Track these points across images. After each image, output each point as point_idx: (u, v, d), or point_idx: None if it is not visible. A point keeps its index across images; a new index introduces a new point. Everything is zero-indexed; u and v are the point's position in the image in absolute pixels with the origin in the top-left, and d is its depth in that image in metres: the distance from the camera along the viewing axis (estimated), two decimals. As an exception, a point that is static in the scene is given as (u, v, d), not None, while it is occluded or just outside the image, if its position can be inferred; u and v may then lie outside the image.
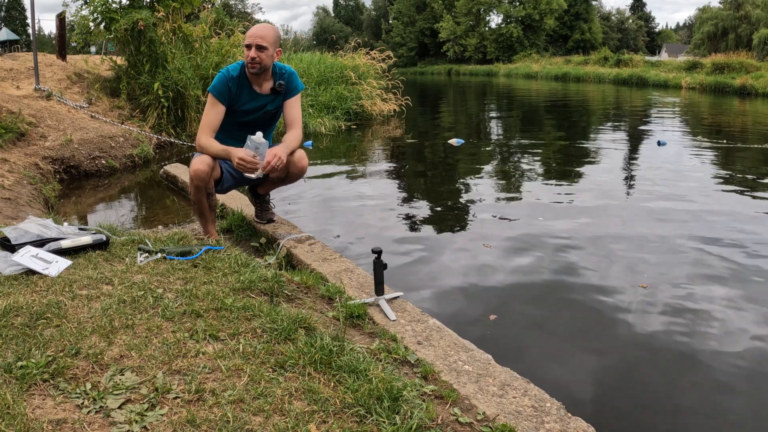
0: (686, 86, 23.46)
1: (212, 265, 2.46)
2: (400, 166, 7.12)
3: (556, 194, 5.33)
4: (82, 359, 1.64)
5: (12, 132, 5.71)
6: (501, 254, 3.67)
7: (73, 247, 2.52)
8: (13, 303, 1.93)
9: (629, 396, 2.22)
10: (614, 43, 58.82)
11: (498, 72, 44.61)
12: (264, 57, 2.90)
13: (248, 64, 2.92)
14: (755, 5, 37.68)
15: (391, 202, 5.09)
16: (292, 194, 5.18)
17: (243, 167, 2.76)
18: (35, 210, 4.28)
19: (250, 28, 2.99)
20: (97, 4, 8.31)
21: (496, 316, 2.83)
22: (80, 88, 8.29)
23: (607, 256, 3.60)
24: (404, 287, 2.67)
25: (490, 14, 59.68)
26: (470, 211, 4.79)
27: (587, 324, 2.78)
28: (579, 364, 2.42)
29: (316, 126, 9.75)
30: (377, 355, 1.87)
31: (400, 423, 1.45)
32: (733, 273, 3.33)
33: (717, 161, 7.11)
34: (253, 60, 2.89)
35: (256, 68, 2.92)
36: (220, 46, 9.30)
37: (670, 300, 2.98)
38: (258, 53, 2.88)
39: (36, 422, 1.35)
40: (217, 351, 1.73)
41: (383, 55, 13.83)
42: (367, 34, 69.26)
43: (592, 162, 7.18)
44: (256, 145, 2.75)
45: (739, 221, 4.33)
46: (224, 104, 2.96)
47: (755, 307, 2.89)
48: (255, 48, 2.88)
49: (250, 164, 2.74)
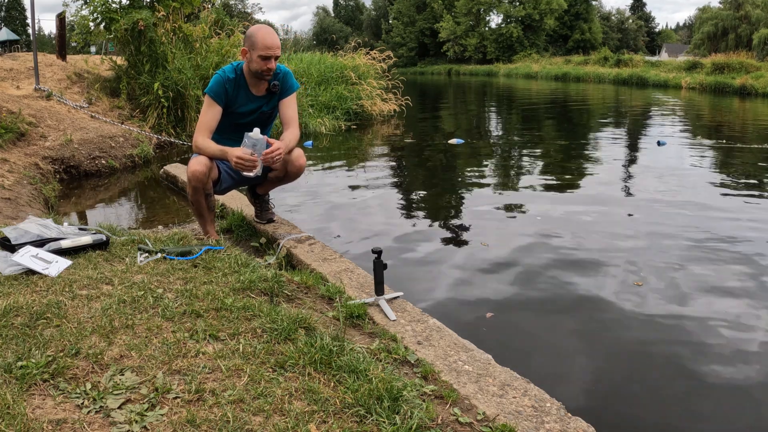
0: (686, 86, 23.46)
1: (212, 265, 2.46)
2: (400, 166, 7.12)
3: (556, 194, 5.33)
4: (82, 359, 1.64)
5: (12, 132, 5.71)
6: (500, 254, 3.67)
7: (73, 247, 2.52)
8: (13, 303, 1.93)
9: (629, 396, 2.22)
10: (614, 43, 58.84)
11: (498, 72, 44.60)
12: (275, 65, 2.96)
13: (264, 73, 2.93)
14: (755, 5, 37.68)
15: (391, 202, 5.09)
16: (292, 194, 5.18)
17: (241, 166, 2.75)
18: (35, 210, 4.28)
19: (256, 34, 2.88)
20: (97, 4, 8.31)
21: (492, 313, 2.83)
22: (80, 88, 8.29)
23: (606, 256, 3.60)
24: (404, 287, 2.67)
25: (490, 14, 59.75)
26: (470, 211, 4.79)
27: (587, 324, 2.78)
28: (579, 364, 2.42)
29: (316, 126, 9.74)
30: (377, 355, 1.87)
31: (400, 423, 1.45)
32: (733, 272, 3.33)
33: (717, 161, 7.11)
34: (269, 70, 2.92)
35: (271, 75, 2.96)
36: (220, 46, 9.30)
37: (671, 300, 2.98)
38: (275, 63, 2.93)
39: (36, 422, 1.35)
40: (217, 351, 1.73)
41: (383, 55, 13.83)
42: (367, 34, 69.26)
43: (591, 162, 7.18)
44: (254, 142, 2.74)
45: (738, 221, 4.33)
46: (221, 106, 2.96)
47: (756, 307, 2.89)
48: (274, 59, 2.91)
49: (248, 162, 2.72)
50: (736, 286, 3.15)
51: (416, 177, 6.48)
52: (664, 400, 2.17)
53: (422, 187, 5.93)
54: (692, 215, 4.50)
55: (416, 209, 4.88)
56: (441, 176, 6.45)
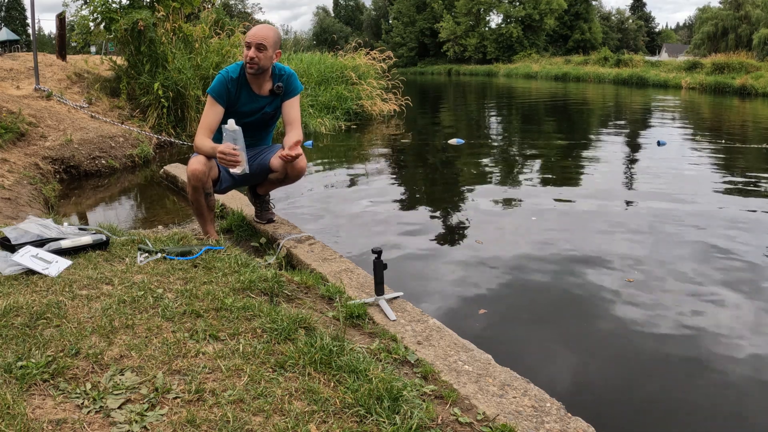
0: (686, 86, 23.45)
1: (212, 265, 2.46)
2: (400, 165, 7.12)
3: (555, 193, 5.33)
4: (82, 359, 1.64)
5: (12, 132, 5.71)
6: (501, 253, 3.67)
7: (73, 247, 2.52)
8: (13, 303, 1.93)
9: (629, 396, 2.22)
10: (614, 43, 58.83)
11: (498, 72, 44.58)
12: (263, 57, 2.88)
13: (246, 63, 2.89)
14: (755, 5, 37.66)
15: (391, 201, 5.09)
16: (292, 194, 5.18)
17: (224, 161, 2.65)
18: (35, 210, 4.28)
19: (251, 28, 2.94)
20: (97, 4, 8.31)
21: (485, 310, 2.84)
22: (80, 88, 8.29)
23: (606, 255, 3.60)
24: (404, 287, 2.67)
25: (490, 14, 59.73)
26: (471, 211, 4.79)
27: (587, 323, 2.78)
28: (579, 364, 2.42)
29: (316, 126, 9.74)
30: (377, 355, 1.87)
31: (400, 423, 1.45)
32: (733, 272, 3.33)
33: (716, 161, 7.11)
34: (251, 60, 2.86)
35: (255, 68, 2.89)
36: (221, 46, 9.30)
37: (671, 299, 2.98)
38: (257, 53, 2.85)
39: (36, 422, 1.35)
40: (217, 351, 1.73)
41: (383, 55, 13.83)
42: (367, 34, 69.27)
43: (590, 161, 7.18)
44: (233, 135, 2.64)
45: (738, 220, 4.33)
46: (223, 105, 2.95)
47: (756, 306, 2.89)
48: (255, 48, 2.85)
49: (230, 156, 2.62)
50: (736, 285, 3.15)
51: (416, 177, 6.48)
52: (664, 400, 2.17)
53: (422, 186, 5.93)
54: (692, 215, 4.50)
55: (416, 209, 4.88)
56: (441, 176, 6.45)
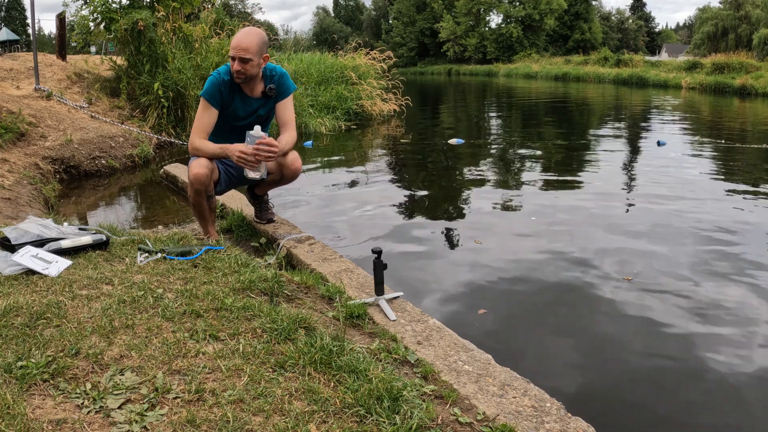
0: (686, 86, 23.45)
1: (212, 265, 2.46)
2: (400, 165, 7.12)
3: (555, 193, 5.33)
4: (82, 359, 1.64)
5: (12, 132, 5.71)
6: (501, 253, 3.67)
7: (73, 247, 2.52)
8: (13, 303, 1.93)
9: (629, 396, 2.22)
10: (614, 43, 58.84)
11: (498, 72, 44.58)
12: (249, 68, 2.86)
13: (234, 74, 2.90)
14: (755, 5, 37.67)
15: (391, 201, 5.09)
16: (292, 194, 5.18)
17: (244, 161, 2.73)
18: (35, 210, 4.28)
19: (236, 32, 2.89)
20: (97, 4, 8.31)
21: (485, 310, 2.84)
22: (80, 88, 8.29)
23: (606, 255, 3.60)
24: (404, 287, 2.67)
25: (490, 14, 59.74)
26: (471, 211, 4.79)
27: (587, 323, 2.78)
28: (579, 364, 2.42)
29: (316, 126, 9.74)
30: (377, 355, 1.87)
31: (400, 423, 1.45)
32: (733, 272, 3.33)
33: (716, 161, 7.11)
34: (238, 72, 2.87)
35: (242, 78, 2.90)
36: (220, 46, 9.29)
37: (670, 299, 2.98)
38: (242, 65, 2.84)
39: (36, 422, 1.35)
40: (217, 351, 1.73)
41: (383, 55, 13.83)
42: (367, 34, 69.27)
43: (590, 161, 7.18)
44: (256, 140, 2.73)
45: (737, 220, 4.33)
46: (216, 108, 2.94)
47: (756, 306, 2.89)
48: (238, 61, 2.83)
49: (251, 157, 2.71)
50: (736, 285, 3.15)
51: (416, 177, 6.47)
52: (664, 400, 2.17)
53: (422, 186, 5.93)
54: (692, 215, 4.50)
55: (416, 209, 4.88)
56: (441, 176, 6.45)
